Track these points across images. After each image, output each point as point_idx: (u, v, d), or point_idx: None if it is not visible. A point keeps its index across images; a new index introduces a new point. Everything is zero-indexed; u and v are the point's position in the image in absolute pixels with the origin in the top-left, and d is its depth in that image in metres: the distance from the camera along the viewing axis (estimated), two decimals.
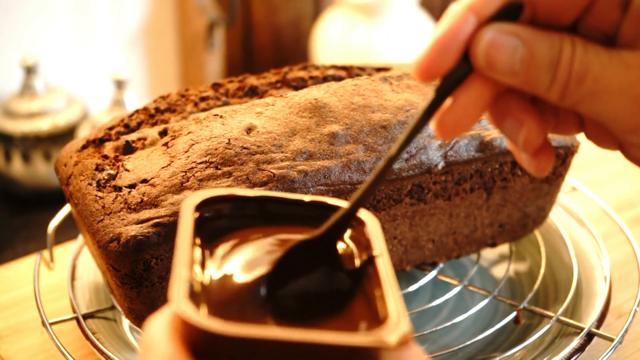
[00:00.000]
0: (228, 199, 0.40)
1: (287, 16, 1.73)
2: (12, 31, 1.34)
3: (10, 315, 0.69)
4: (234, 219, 0.40)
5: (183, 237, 0.36)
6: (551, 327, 0.63)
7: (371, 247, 0.38)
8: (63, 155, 0.64)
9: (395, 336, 0.33)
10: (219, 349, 0.33)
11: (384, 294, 0.36)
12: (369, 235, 0.39)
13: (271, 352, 0.33)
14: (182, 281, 0.34)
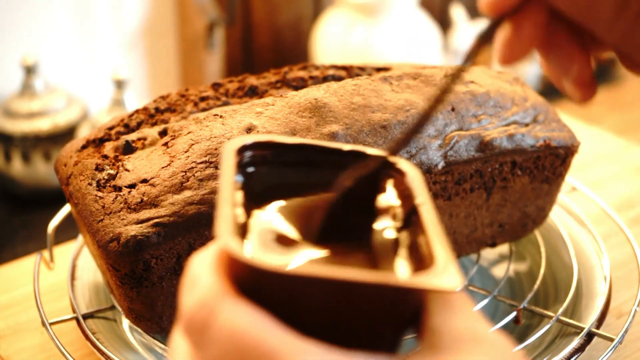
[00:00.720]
0: (267, 145, 0.39)
1: (287, 16, 1.73)
2: (12, 31, 1.34)
3: (10, 315, 0.69)
4: (273, 165, 0.39)
5: (225, 178, 0.36)
6: (551, 327, 0.63)
7: (413, 197, 0.38)
8: (63, 155, 0.64)
9: (443, 278, 0.32)
10: (264, 286, 0.32)
11: (429, 240, 0.35)
12: (410, 185, 0.38)
13: (315, 290, 0.32)
14: (227, 218, 0.34)
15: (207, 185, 0.57)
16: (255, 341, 0.31)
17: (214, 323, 0.32)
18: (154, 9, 1.50)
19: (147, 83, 1.55)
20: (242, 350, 0.31)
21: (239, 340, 0.31)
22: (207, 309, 0.32)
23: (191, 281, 0.34)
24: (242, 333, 0.31)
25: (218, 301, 0.32)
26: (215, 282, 0.33)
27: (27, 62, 1.25)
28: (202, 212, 0.56)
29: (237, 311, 0.32)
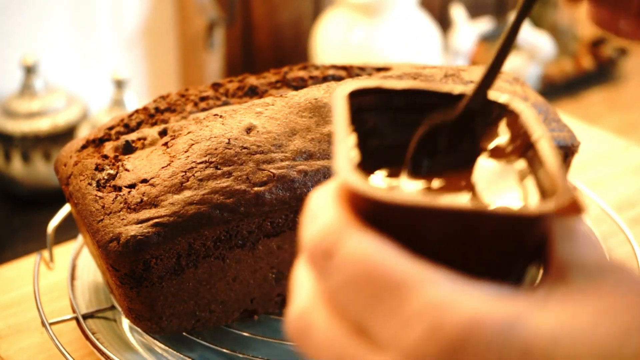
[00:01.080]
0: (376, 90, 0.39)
1: (287, 16, 1.73)
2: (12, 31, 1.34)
3: (10, 315, 0.69)
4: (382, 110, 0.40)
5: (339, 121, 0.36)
6: None
7: (529, 134, 0.37)
8: (63, 155, 0.64)
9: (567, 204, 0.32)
10: (385, 219, 0.32)
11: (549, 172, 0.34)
12: (525, 123, 0.38)
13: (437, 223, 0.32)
14: (345, 155, 0.34)
15: (207, 185, 0.57)
16: (383, 267, 0.31)
17: (339, 250, 0.31)
18: (154, 9, 1.50)
19: (147, 83, 1.55)
20: (368, 276, 0.31)
21: (365, 266, 0.31)
22: (331, 237, 0.32)
23: (312, 215, 0.34)
24: (369, 259, 0.31)
25: (343, 229, 0.32)
26: (339, 213, 0.33)
27: (27, 62, 1.25)
28: (202, 212, 0.56)
29: (362, 239, 0.31)
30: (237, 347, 0.61)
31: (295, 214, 0.59)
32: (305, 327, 0.33)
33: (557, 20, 1.66)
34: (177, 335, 0.62)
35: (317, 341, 0.32)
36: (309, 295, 0.33)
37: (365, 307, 0.31)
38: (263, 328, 0.65)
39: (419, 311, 0.30)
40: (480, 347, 0.29)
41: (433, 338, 0.29)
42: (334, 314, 0.32)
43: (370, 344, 0.31)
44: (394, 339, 0.30)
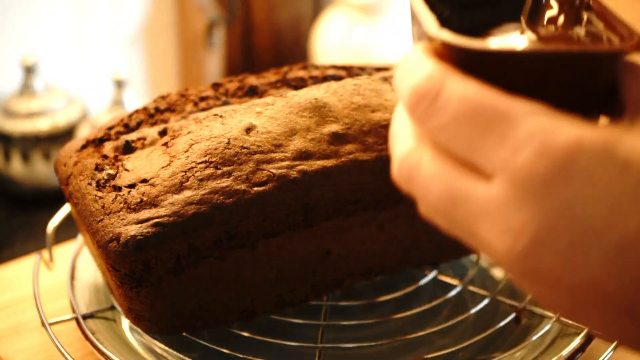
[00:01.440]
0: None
1: (287, 16, 1.73)
2: (12, 31, 1.33)
3: (10, 315, 0.69)
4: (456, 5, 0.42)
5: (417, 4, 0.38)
6: (551, 327, 0.63)
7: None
8: (62, 155, 0.64)
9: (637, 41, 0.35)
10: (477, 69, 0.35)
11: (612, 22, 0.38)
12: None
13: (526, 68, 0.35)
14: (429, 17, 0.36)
15: (207, 185, 0.57)
16: (488, 102, 0.33)
17: (443, 92, 0.34)
18: (154, 9, 1.50)
19: (147, 83, 1.55)
20: (474, 112, 0.33)
21: (471, 103, 0.34)
22: (434, 82, 0.34)
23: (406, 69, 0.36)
24: (473, 97, 0.33)
25: (443, 75, 0.34)
26: (436, 63, 0.35)
27: (27, 62, 1.24)
28: (202, 212, 0.56)
29: (463, 81, 0.34)
30: (237, 347, 0.61)
31: (295, 214, 0.59)
32: (411, 168, 0.36)
33: None
34: (177, 335, 0.62)
35: (424, 178, 0.35)
36: (412, 140, 0.36)
37: (473, 141, 0.33)
38: (263, 328, 0.65)
39: (526, 136, 0.32)
40: (584, 164, 0.32)
41: (542, 158, 0.32)
42: (439, 152, 0.35)
43: (477, 175, 0.34)
44: (503, 165, 0.33)
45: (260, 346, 0.62)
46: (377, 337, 0.64)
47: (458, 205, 0.34)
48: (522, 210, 0.33)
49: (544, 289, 0.35)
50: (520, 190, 0.32)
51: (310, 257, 0.62)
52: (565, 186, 0.32)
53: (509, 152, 0.33)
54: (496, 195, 0.33)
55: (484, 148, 0.33)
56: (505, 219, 0.33)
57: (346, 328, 0.65)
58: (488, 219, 0.33)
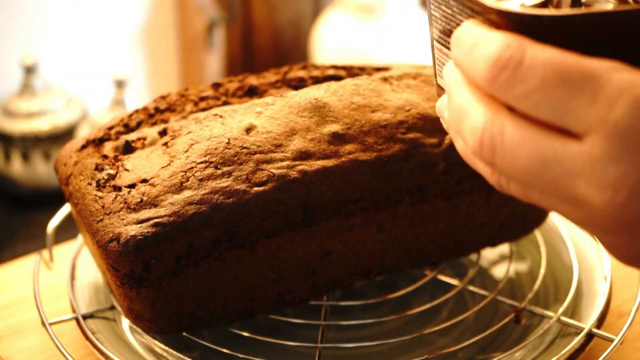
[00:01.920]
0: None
1: (287, 16, 1.73)
2: (12, 31, 1.33)
3: (10, 315, 0.69)
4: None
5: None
6: (551, 327, 0.63)
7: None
8: (62, 155, 0.64)
9: None
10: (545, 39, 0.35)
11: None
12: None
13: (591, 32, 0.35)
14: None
15: (207, 185, 0.57)
16: (573, 64, 0.34)
17: (525, 58, 0.34)
18: (154, 9, 1.50)
19: (147, 83, 1.55)
20: (562, 74, 0.34)
21: (557, 66, 0.34)
22: (512, 49, 0.35)
23: (472, 43, 0.37)
24: (557, 60, 0.34)
25: (522, 43, 0.35)
26: (506, 34, 0.36)
27: (27, 62, 1.24)
28: (202, 212, 0.56)
29: (543, 47, 0.35)
30: (237, 347, 0.61)
31: (295, 214, 0.59)
32: (494, 136, 0.36)
33: None
34: (177, 335, 0.62)
35: (510, 145, 0.35)
36: (487, 111, 0.36)
37: (562, 103, 0.34)
38: (263, 328, 0.65)
39: (617, 91, 0.33)
40: None
41: (637, 109, 0.33)
42: (522, 119, 0.35)
43: (566, 136, 0.34)
44: (598, 121, 0.33)
45: (260, 346, 0.62)
46: (377, 337, 0.64)
47: (551, 166, 0.35)
48: (621, 162, 0.33)
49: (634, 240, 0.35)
50: (618, 144, 0.33)
51: (310, 257, 0.62)
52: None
53: (603, 108, 0.33)
54: (591, 151, 0.34)
55: (575, 108, 0.34)
56: (604, 173, 0.33)
57: (346, 328, 0.65)
58: (584, 175, 0.34)
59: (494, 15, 0.37)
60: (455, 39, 0.38)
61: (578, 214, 0.36)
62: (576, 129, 0.34)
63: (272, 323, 0.65)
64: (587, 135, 0.34)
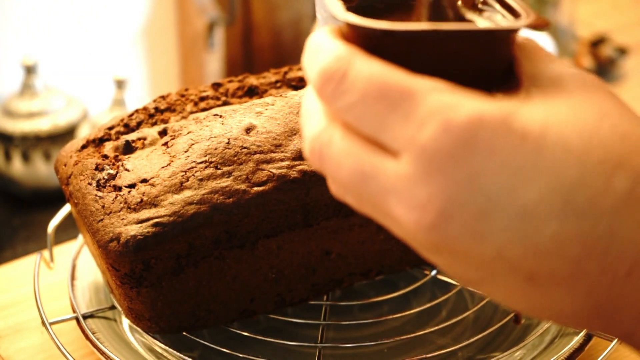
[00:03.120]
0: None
1: (287, 16, 1.73)
2: (12, 31, 1.34)
3: (10, 314, 0.69)
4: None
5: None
6: (551, 326, 0.63)
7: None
8: (63, 155, 0.64)
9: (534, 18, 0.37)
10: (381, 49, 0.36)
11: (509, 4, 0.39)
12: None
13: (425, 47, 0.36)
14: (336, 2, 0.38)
15: (207, 185, 0.57)
16: (393, 81, 0.34)
17: (350, 72, 0.35)
18: (154, 9, 1.51)
19: (147, 83, 1.55)
20: (380, 90, 0.34)
21: (377, 82, 0.34)
22: (341, 62, 0.35)
23: (314, 51, 0.37)
24: (379, 76, 0.34)
25: (350, 56, 0.35)
26: (343, 45, 0.36)
27: (27, 62, 1.24)
28: (202, 212, 0.56)
29: (369, 61, 0.35)
30: (237, 347, 0.61)
31: (295, 214, 0.59)
32: (322, 146, 0.36)
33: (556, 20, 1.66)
34: (177, 335, 0.62)
35: (335, 156, 0.36)
36: (323, 120, 0.37)
37: (379, 119, 0.34)
38: (263, 328, 0.65)
39: (430, 112, 0.33)
40: (485, 137, 0.33)
41: (445, 133, 0.33)
42: (349, 131, 0.36)
43: (386, 152, 0.35)
44: (409, 141, 0.34)
45: (260, 345, 0.62)
46: (377, 337, 0.64)
47: (368, 181, 0.35)
48: (428, 185, 0.33)
49: (452, 261, 0.36)
50: (426, 165, 0.33)
51: (310, 256, 0.62)
52: (468, 159, 0.33)
53: (414, 129, 0.34)
54: (403, 171, 0.34)
55: (390, 125, 0.34)
56: (413, 194, 0.34)
57: (346, 327, 0.65)
58: (396, 194, 0.34)
59: (343, 24, 0.37)
60: (307, 45, 0.38)
61: (399, 232, 0.36)
62: (392, 146, 0.34)
63: (272, 323, 0.65)
64: (401, 154, 0.34)
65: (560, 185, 0.33)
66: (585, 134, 0.34)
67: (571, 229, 0.34)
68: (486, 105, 0.34)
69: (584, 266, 0.34)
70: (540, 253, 0.34)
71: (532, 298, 0.36)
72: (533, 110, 0.34)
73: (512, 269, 0.35)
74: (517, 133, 0.33)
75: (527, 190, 0.33)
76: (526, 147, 0.33)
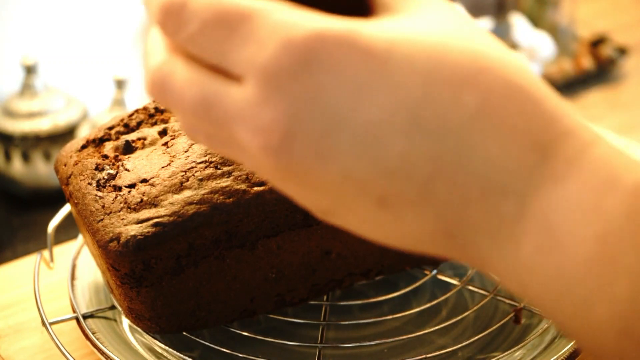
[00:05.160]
0: None
1: None
2: (12, 31, 1.34)
3: (10, 314, 0.69)
4: None
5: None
6: (551, 326, 0.63)
7: None
8: (63, 155, 0.64)
9: None
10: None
11: None
12: None
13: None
14: None
15: (207, 185, 0.57)
16: (231, 6, 0.33)
17: (188, 2, 0.34)
18: None
19: None
20: (219, 15, 0.33)
21: (214, 9, 0.34)
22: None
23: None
24: (217, 2, 0.34)
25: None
26: None
27: (27, 62, 1.24)
28: (202, 212, 0.56)
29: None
30: (237, 347, 0.61)
31: (294, 214, 0.59)
32: (164, 77, 0.35)
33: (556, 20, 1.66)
34: (177, 335, 0.62)
35: (177, 86, 0.35)
36: (164, 52, 0.36)
37: (220, 45, 0.34)
38: (263, 328, 0.65)
39: (269, 32, 0.33)
40: (326, 53, 0.32)
41: (285, 52, 0.32)
42: (191, 61, 0.35)
43: (230, 78, 0.34)
44: (250, 63, 0.33)
45: (260, 345, 0.62)
46: (377, 337, 0.64)
47: (213, 109, 0.34)
48: (270, 106, 0.33)
49: (302, 189, 0.35)
50: (268, 86, 0.32)
51: (310, 256, 0.62)
52: (309, 77, 0.32)
53: (254, 50, 0.33)
54: (247, 94, 0.33)
55: (231, 50, 0.33)
56: (256, 117, 0.33)
57: (346, 327, 0.65)
58: (241, 119, 0.33)
59: None
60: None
61: (247, 162, 0.36)
62: (235, 71, 0.34)
63: (272, 323, 0.65)
64: (244, 77, 0.33)
65: (406, 102, 0.33)
66: (433, 52, 0.33)
67: (418, 148, 0.33)
68: (329, 22, 0.33)
69: (433, 186, 0.34)
70: (388, 173, 0.33)
71: (385, 223, 0.35)
72: (379, 27, 0.34)
73: (362, 192, 0.34)
74: (360, 49, 0.33)
75: (371, 107, 0.33)
76: (370, 63, 0.33)
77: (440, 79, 0.33)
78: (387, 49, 0.33)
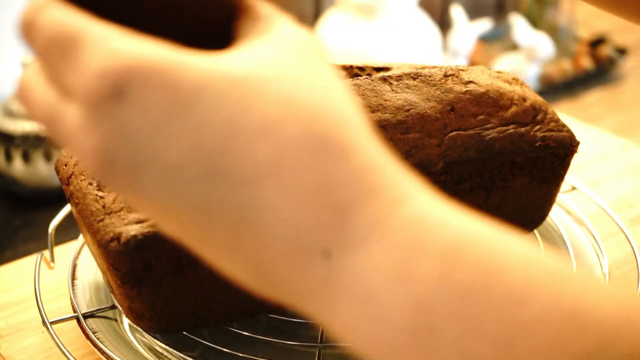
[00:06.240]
0: None
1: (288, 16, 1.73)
2: (12, 31, 1.34)
3: (11, 314, 0.69)
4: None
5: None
6: None
7: None
8: (64, 155, 0.65)
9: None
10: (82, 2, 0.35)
11: None
12: None
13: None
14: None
15: None
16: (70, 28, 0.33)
17: (38, 19, 0.35)
18: None
19: None
20: (57, 36, 0.34)
21: (55, 28, 0.34)
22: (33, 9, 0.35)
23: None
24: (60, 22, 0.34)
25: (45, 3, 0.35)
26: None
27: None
28: None
29: (55, 9, 0.34)
30: (237, 347, 0.61)
31: None
32: (26, 89, 0.36)
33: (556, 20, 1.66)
34: (178, 335, 0.62)
35: (33, 100, 0.36)
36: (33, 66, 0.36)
37: (57, 64, 0.34)
38: (263, 328, 0.65)
39: (93, 58, 0.32)
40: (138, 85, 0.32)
41: (100, 80, 0.32)
42: (46, 76, 0.35)
43: (67, 98, 0.34)
44: (76, 88, 0.33)
45: (261, 345, 0.62)
46: None
47: (55, 127, 0.35)
48: (92, 134, 0.33)
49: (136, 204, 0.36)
50: (90, 113, 0.33)
51: None
52: (121, 109, 0.32)
53: (79, 76, 0.33)
54: (77, 118, 0.33)
55: (65, 71, 0.34)
56: (82, 142, 0.33)
57: None
58: (72, 142, 0.34)
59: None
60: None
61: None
62: (68, 91, 0.34)
63: (272, 322, 0.65)
64: (72, 99, 0.33)
65: (203, 149, 0.32)
66: (242, 94, 0.33)
67: (216, 195, 0.33)
68: (153, 53, 0.32)
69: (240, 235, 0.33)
70: (198, 211, 0.33)
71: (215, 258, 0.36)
72: (200, 63, 0.33)
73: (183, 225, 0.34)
74: (169, 84, 0.32)
75: (171, 148, 0.32)
76: (175, 102, 0.32)
77: (241, 128, 0.32)
78: (198, 85, 0.32)
